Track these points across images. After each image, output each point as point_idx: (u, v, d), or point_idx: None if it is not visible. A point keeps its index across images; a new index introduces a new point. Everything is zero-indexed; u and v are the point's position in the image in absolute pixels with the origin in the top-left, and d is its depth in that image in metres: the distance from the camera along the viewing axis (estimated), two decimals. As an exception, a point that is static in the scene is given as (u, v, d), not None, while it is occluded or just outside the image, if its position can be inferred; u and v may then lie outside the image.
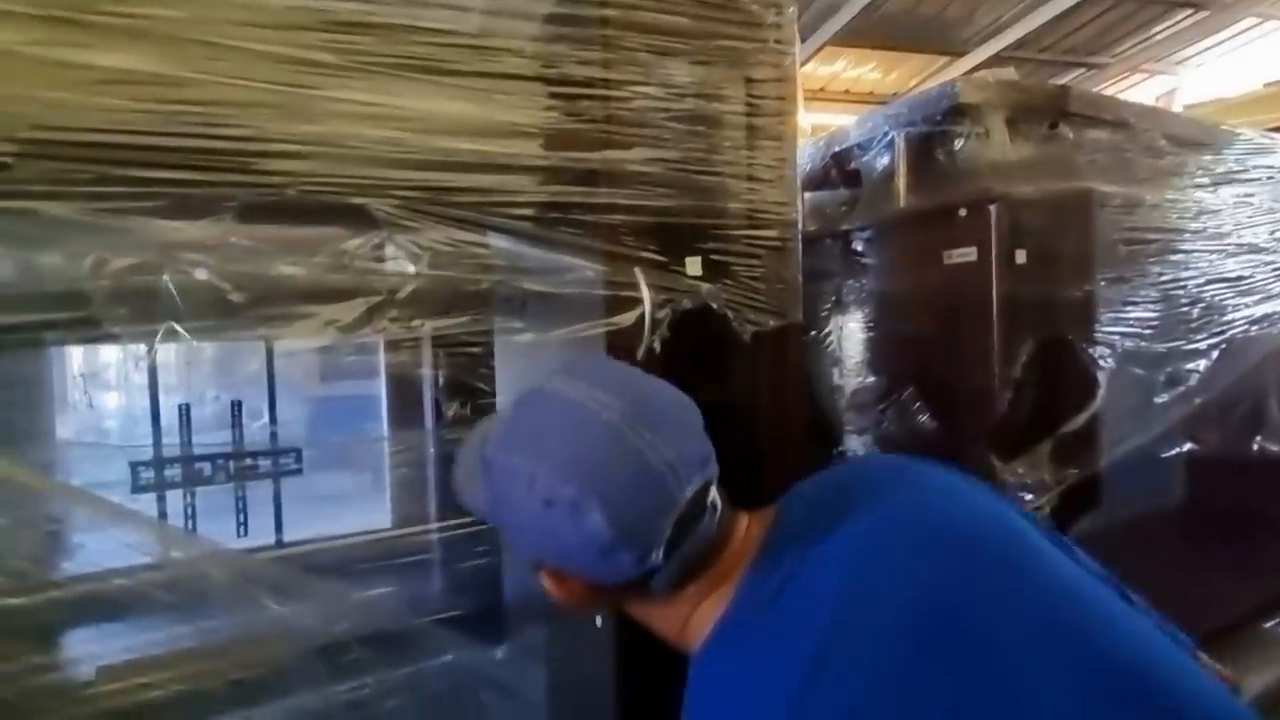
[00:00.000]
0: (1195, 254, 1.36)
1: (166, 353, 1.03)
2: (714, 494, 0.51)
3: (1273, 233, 1.49)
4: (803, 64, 4.33)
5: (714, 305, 0.91)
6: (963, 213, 1.19)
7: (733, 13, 1.02)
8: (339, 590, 0.96)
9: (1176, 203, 1.35)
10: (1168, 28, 5.19)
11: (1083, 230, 1.20)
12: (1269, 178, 1.55)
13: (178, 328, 0.70)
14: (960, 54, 5.00)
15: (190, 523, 1.03)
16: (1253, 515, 1.55)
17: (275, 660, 0.85)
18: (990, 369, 1.16)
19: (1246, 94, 2.87)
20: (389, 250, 0.81)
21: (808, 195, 1.56)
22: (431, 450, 1.29)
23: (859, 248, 1.44)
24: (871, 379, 1.43)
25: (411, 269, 0.81)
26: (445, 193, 0.76)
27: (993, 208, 1.15)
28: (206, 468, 1.06)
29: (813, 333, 1.52)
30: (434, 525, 1.28)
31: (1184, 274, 1.33)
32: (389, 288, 0.76)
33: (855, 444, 1.45)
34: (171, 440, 1.03)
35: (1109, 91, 5.88)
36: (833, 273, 1.49)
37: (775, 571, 0.49)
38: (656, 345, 0.84)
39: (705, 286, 0.91)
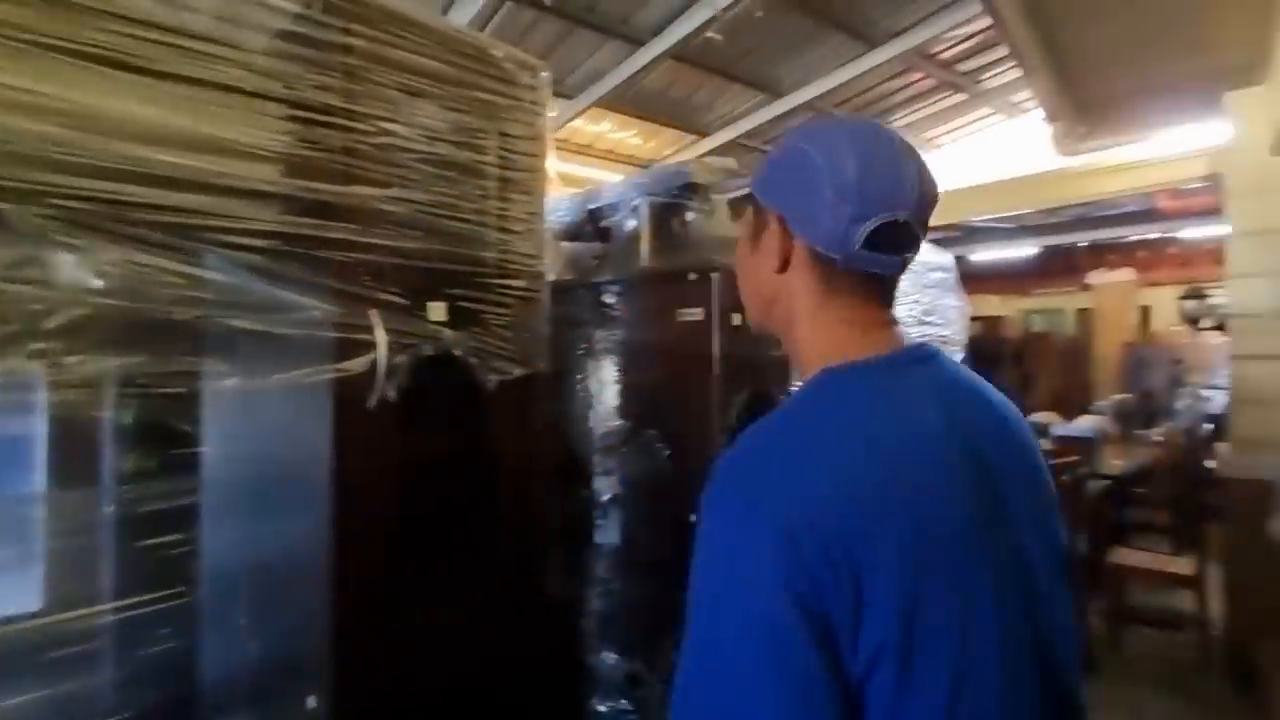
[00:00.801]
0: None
1: None
2: (910, 260, 0.59)
3: (908, 312, 1.95)
4: (570, 120, 4.56)
5: (458, 353, 0.90)
6: (692, 277, 1.36)
7: (487, 66, 1.04)
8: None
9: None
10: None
11: (783, 299, 1.44)
12: (914, 270, 2.04)
13: None
14: (704, 134, 5.72)
15: None
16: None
17: None
18: (710, 415, 1.32)
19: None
20: (51, 270, 0.66)
21: (566, 245, 1.63)
22: (107, 510, 1.05)
23: (609, 299, 1.54)
24: (618, 422, 1.52)
25: (78, 290, 0.67)
26: (129, 208, 0.65)
27: (714, 275, 1.33)
28: None
29: (577, 377, 1.57)
30: (107, 606, 1.04)
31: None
32: (34, 314, 0.62)
33: (603, 485, 1.53)
34: None
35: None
36: (586, 321, 1.57)
37: (903, 374, 0.56)
38: (392, 393, 0.79)
39: (449, 333, 0.89)
